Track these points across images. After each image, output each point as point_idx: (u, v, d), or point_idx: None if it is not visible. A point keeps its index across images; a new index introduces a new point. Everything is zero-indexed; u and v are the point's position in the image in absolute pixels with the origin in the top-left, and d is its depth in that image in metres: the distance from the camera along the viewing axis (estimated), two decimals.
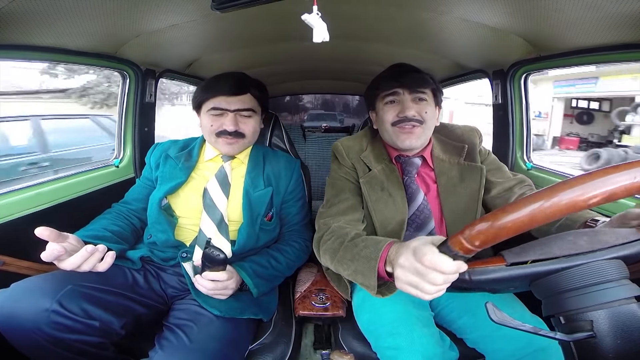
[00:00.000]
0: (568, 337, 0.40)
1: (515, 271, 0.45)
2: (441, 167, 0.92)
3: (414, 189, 0.91)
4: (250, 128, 0.97)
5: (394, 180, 0.91)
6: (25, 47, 0.88)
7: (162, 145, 1.07)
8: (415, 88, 0.87)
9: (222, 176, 0.97)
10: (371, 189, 0.90)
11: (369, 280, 0.64)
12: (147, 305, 0.83)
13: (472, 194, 0.89)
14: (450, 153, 0.95)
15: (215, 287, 0.80)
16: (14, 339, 0.67)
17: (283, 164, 1.05)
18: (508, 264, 0.45)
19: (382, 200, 0.89)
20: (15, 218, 0.93)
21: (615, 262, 0.42)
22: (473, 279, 0.47)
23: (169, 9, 0.89)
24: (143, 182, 1.05)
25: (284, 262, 0.96)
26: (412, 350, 0.71)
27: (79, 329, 0.68)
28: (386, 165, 0.93)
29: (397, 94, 0.88)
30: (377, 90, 0.92)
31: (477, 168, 0.91)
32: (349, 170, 0.95)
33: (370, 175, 0.92)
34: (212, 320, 0.79)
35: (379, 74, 0.95)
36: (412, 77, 0.88)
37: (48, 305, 0.66)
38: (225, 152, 0.98)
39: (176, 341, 0.72)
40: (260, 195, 0.97)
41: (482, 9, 0.88)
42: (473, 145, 0.95)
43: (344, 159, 0.95)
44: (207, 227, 0.91)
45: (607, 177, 0.34)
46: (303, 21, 0.63)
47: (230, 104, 0.94)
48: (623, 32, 0.80)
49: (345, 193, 0.92)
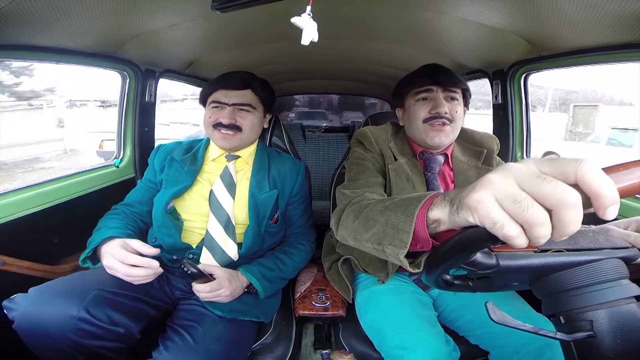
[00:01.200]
0: (568, 336, 0.40)
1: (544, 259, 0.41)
2: (460, 168, 0.94)
3: (435, 186, 0.91)
4: (248, 123, 0.97)
5: (417, 175, 0.91)
6: (25, 47, 0.88)
7: (166, 147, 1.06)
8: (449, 87, 0.88)
9: (227, 177, 0.97)
10: (398, 177, 0.89)
11: (400, 235, 0.45)
12: (158, 308, 0.83)
13: None
14: (468, 156, 0.96)
15: (205, 297, 0.80)
16: (36, 345, 0.66)
17: (289, 167, 1.05)
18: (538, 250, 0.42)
19: (406, 191, 0.88)
20: (15, 218, 0.93)
21: (615, 262, 0.42)
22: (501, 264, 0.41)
23: (168, 8, 0.89)
24: (145, 185, 1.03)
25: (290, 265, 0.97)
26: (419, 350, 0.70)
27: (103, 335, 0.68)
28: (409, 159, 0.93)
29: (431, 91, 0.89)
30: (409, 87, 0.92)
31: None
32: (375, 156, 0.94)
33: (397, 164, 0.91)
34: (217, 322, 0.79)
35: (411, 72, 0.95)
36: (446, 75, 0.89)
37: (75, 312, 0.66)
38: (220, 145, 0.98)
39: (181, 342, 0.72)
40: (266, 197, 0.97)
41: (482, 9, 0.88)
42: (491, 151, 0.96)
43: (372, 145, 0.94)
44: (214, 229, 0.91)
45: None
46: (298, 24, 0.63)
47: (229, 98, 0.95)
48: (623, 32, 0.80)
49: (372, 171, 0.89)
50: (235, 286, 0.84)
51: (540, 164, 0.29)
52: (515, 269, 0.42)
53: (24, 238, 0.96)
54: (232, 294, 0.83)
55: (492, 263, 0.41)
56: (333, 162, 2.37)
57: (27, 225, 0.97)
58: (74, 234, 1.10)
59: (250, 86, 0.97)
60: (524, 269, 0.43)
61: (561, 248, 0.43)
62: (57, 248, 1.08)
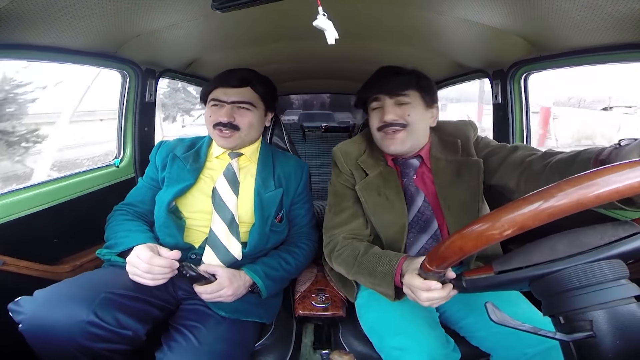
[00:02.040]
0: (568, 337, 0.40)
1: (502, 278, 0.49)
2: (437, 166, 0.90)
3: (413, 191, 0.90)
4: (246, 121, 0.95)
5: (392, 184, 0.90)
6: (25, 47, 0.88)
7: (168, 144, 1.04)
8: (395, 92, 0.86)
9: (231, 174, 0.96)
10: (368, 194, 0.90)
11: (387, 292, 0.76)
12: (161, 308, 0.83)
13: (472, 189, 0.86)
14: (447, 150, 0.92)
15: (207, 298, 0.81)
16: (43, 349, 0.66)
17: (293, 166, 1.05)
18: (496, 272, 0.50)
19: (380, 205, 0.89)
20: (15, 218, 0.93)
21: (615, 262, 0.42)
22: (467, 287, 0.55)
23: (169, 8, 0.89)
24: (147, 183, 1.02)
25: (293, 264, 0.96)
26: (418, 351, 0.70)
27: (112, 338, 0.68)
28: (384, 168, 0.93)
29: (379, 99, 0.88)
30: (363, 98, 0.93)
31: (474, 163, 0.87)
32: (347, 178, 0.95)
33: (366, 180, 0.91)
34: (220, 322, 0.79)
35: (366, 80, 0.94)
36: (391, 81, 0.87)
37: (84, 316, 0.65)
38: (221, 144, 0.97)
39: (185, 342, 0.72)
40: (272, 196, 0.97)
41: (482, 9, 0.88)
42: (466, 139, 0.92)
43: (342, 166, 0.96)
44: (218, 228, 0.90)
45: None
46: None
47: (227, 96, 0.94)
48: (623, 32, 0.80)
49: (346, 201, 0.93)
50: (237, 286, 0.83)
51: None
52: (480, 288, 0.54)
53: (24, 238, 0.96)
54: (235, 294, 0.83)
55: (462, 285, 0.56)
56: None
57: (27, 225, 0.96)
58: (74, 234, 1.10)
59: (250, 83, 0.96)
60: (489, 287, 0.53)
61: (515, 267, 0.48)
62: (57, 248, 1.07)
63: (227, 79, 0.95)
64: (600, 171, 0.33)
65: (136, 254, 0.77)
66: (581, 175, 0.34)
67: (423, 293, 0.62)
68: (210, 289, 0.79)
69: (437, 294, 0.61)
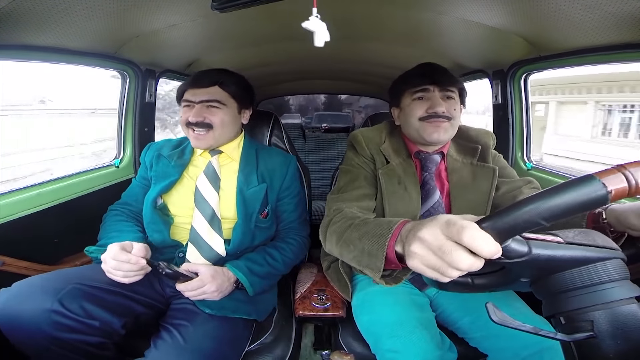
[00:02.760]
0: (568, 337, 0.40)
1: (573, 252, 0.41)
2: (454, 166, 0.93)
3: (432, 187, 0.91)
4: (218, 119, 0.94)
5: (411, 176, 0.91)
6: (25, 47, 0.88)
7: (156, 145, 1.07)
8: (446, 86, 0.87)
9: (211, 171, 0.96)
10: (388, 180, 0.89)
11: (375, 262, 0.56)
12: (147, 305, 0.83)
13: (483, 194, 0.89)
14: (463, 153, 0.95)
15: (190, 295, 0.80)
16: (16, 339, 0.67)
17: (277, 161, 1.04)
18: (564, 242, 0.42)
19: (398, 194, 0.89)
20: (15, 218, 0.93)
21: (616, 262, 0.42)
22: (533, 252, 0.40)
23: (169, 9, 0.89)
24: (140, 182, 1.04)
25: (280, 259, 0.95)
26: (412, 352, 0.70)
27: (80, 328, 0.68)
28: (404, 160, 0.93)
29: (427, 90, 0.88)
30: (405, 86, 0.91)
31: (490, 169, 0.91)
32: (366, 160, 0.94)
33: (388, 167, 0.91)
34: (208, 320, 0.79)
35: (407, 71, 0.94)
36: (442, 74, 0.88)
37: (49, 305, 0.66)
38: (194, 146, 0.98)
39: (171, 340, 0.72)
40: (254, 192, 0.97)
41: (482, 9, 0.88)
42: (486, 147, 0.95)
43: (363, 149, 0.94)
44: (199, 224, 0.90)
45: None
46: (302, 21, 0.63)
47: (196, 96, 0.94)
48: (623, 32, 0.80)
49: (360, 181, 0.91)
50: (220, 282, 0.82)
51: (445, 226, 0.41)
52: (544, 258, 0.41)
53: (24, 238, 0.96)
54: (220, 290, 0.82)
55: (523, 251, 0.40)
56: (333, 162, 2.38)
57: (27, 225, 0.97)
58: (74, 234, 1.10)
59: (219, 83, 0.96)
60: (553, 260, 0.41)
61: (584, 242, 0.42)
62: (57, 248, 1.08)
63: (197, 80, 0.96)
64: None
65: (107, 250, 0.78)
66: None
67: (469, 259, 0.39)
68: (191, 285, 0.79)
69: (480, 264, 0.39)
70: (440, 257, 0.41)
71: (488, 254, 0.38)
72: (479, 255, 0.38)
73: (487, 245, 0.38)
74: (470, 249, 0.39)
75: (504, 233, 0.39)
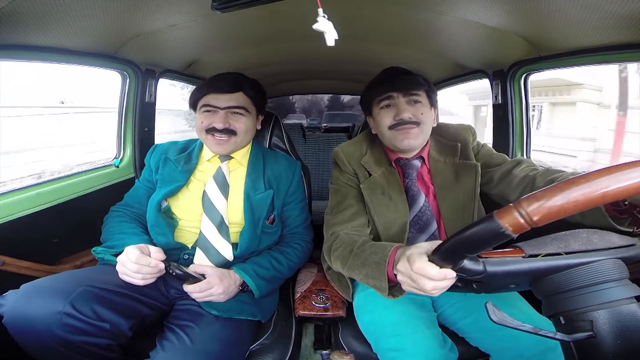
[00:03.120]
0: (568, 337, 0.40)
1: (532, 264, 0.43)
2: (436, 167, 0.93)
3: (415, 192, 0.91)
4: (242, 126, 0.95)
5: (395, 184, 0.91)
6: (25, 47, 0.88)
7: (161, 147, 1.06)
8: (409, 90, 0.87)
9: (220, 177, 0.96)
10: (372, 193, 0.91)
11: (380, 283, 0.68)
12: (152, 306, 0.83)
13: (468, 192, 0.89)
14: (445, 153, 0.95)
15: (198, 297, 0.81)
16: (23, 341, 0.66)
17: (284, 166, 1.05)
18: (526, 255, 0.43)
19: (384, 204, 0.90)
20: (15, 218, 0.93)
21: (616, 262, 0.42)
22: (488, 270, 0.43)
23: (169, 9, 0.89)
24: (144, 184, 1.03)
25: (285, 264, 0.96)
26: (414, 353, 0.70)
27: (90, 331, 0.68)
28: (386, 168, 0.94)
29: (392, 97, 0.88)
30: (372, 96, 0.92)
31: (472, 166, 0.91)
32: (350, 177, 0.96)
33: (370, 180, 0.92)
34: (213, 321, 0.79)
35: (372, 79, 0.94)
36: (404, 80, 0.88)
37: (60, 307, 0.66)
38: (216, 151, 0.97)
39: (177, 342, 0.72)
40: (262, 198, 0.97)
41: (482, 9, 0.88)
42: (466, 143, 0.95)
43: (345, 166, 0.96)
44: (208, 229, 0.91)
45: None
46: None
47: (220, 102, 0.94)
48: (623, 32, 0.80)
49: (349, 199, 0.93)
50: (227, 284, 0.83)
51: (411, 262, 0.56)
52: (502, 274, 0.44)
53: (24, 238, 0.96)
54: (226, 292, 0.83)
55: (479, 269, 0.44)
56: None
57: (27, 225, 0.97)
58: (74, 234, 1.10)
59: (242, 88, 0.96)
60: (512, 274, 0.44)
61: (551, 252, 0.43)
62: (57, 248, 1.08)
63: (218, 84, 0.95)
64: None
65: (126, 253, 0.78)
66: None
67: (429, 282, 0.51)
68: (199, 287, 0.80)
69: (446, 283, 0.51)
70: (414, 282, 0.56)
71: (436, 278, 0.50)
72: (432, 279, 0.51)
73: (430, 273, 0.51)
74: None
75: (448, 259, 0.47)
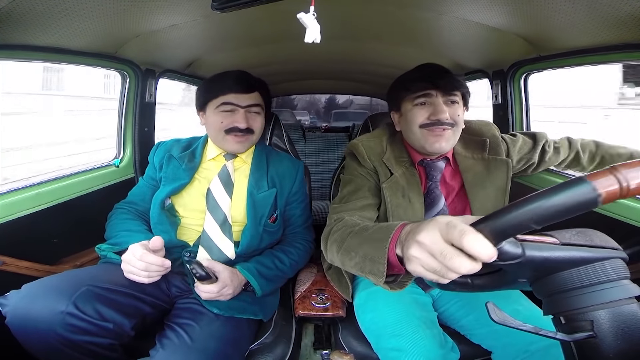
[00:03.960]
0: (568, 337, 0.40)
1: (569, 253, 0.41)
2: (465, 164, 0.89)
3: (437, 195, 0.88)
4: (259, 124, 0.99)
5: (414, 186, 0.87)
6: (25, 47, 0.88)
7: (165, 145, 1.06)
8: (449, 90, 0.83)
9: (225, 176, 0.96)
10: (393, 194, 0.86)
11: (377, 266, 0.55)
12: (153, 305, 0.83)
13: (499, 188, 0.87)
14: (472, 148, 0.91)
15: (209, 297, 0.81)
16: (26, 341, 0.66)
17: (287, 166, 1.05)
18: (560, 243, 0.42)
19: (402, 207, 0.86)
20: (15, 218, 0.93)
21: (615, 262, 0.42)
22: (527, 254, 0.40)
23: (169, 9, 0.89)
24: (147, 182, 1.04)
25: (287, 263, 0.96)
26: (414, 352, 0.70)
27: (93, 330, 0.68)
28: (407, 169, 0.89)
29: (430, 95, 0.83)
30: (405, 91, 0.86)
31: (503, 162, 0.88)
32: (369, 172, 0.90)
33: (392, 180, 0.87)
34: (213, 320, 0.79)
35: (405, 74, 0.90)
36: (445, 78, 0.83)
37: (63, 307, 0.66)
38: (234, 150, 0.98)
39: (177, 340, 0.72)
40: (265, 196, 0.97)
41: (482, 8, 0.88)
42: (494, 139, 0.91)
43: (365, 161, 0.90)
44: (211, 228, 0.91)
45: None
46: (303, 21, 0.63)
47: (241, 101, 0.94)
48: (623, 32, 0.80)
49: (364, 191, 0.88)
50: (237, 284, 0.85)
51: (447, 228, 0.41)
52: (540, 260, 0.41)
53: (24, 238, 0.96)
54: (234, 292, 0.84)
55: (517, 253, 0.40)
56: (333, 162, 2.38)
57: (27, 225, 0.96)
58: (74, 234, 1.10)
59: (257, 88, 0.98)
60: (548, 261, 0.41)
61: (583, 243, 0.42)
62: (57, 248, 1.08)
63: (235, 83, 0.94)
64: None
65: (131, 251, 0.78)
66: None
67: (468, 262, 0.39)
68: (215, 288, 0.80)
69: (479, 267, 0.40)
70: (440, 261, 0.41)
71: (486, 258, 0.38)
72: (477, 259, 0.39)
73: (485, 249, 0.38)
74: (468, 253, 0.39)
75: (497, 236, 0.39)
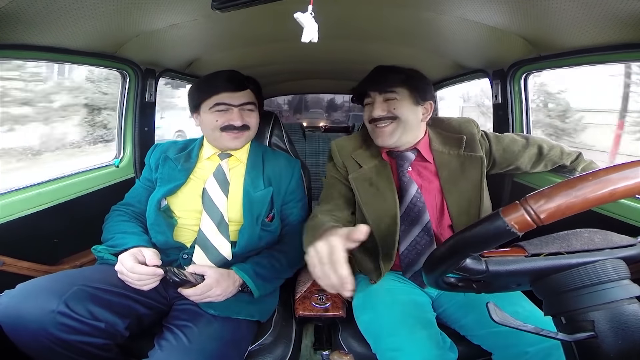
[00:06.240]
0: (569, 337, 0.40)
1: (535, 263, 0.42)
2: (441, 160, 0.94)
3: (406, 182, 0.92)
4: (254, 121, 1.00)
5: (384, 176, 0.94)
6: (25, 47, 0.88)
7: (161, 146, 1.06)
8: (385, 89, 0.91)
9: (221, 175, 0.97)
10: (359, 184, 0.94)
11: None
12: (150, 306, 0.83)
13: (475, 184, 0.91)
14: (449, 145, 0.96)
15: (196, 299, 0.81)
16: (19, 340, 0.67)
17: (283, 164, 1.05)
18: (529, 254, 0.43)
19: (371, 195, 0.93)
20: (15, 218, 0.93)
21: (616, 262, 0.42)
22: (490, 269, 0.43)
23: (169, 8, 0.89)
24: (144, 184, 1.04)
25: (285, 263, 0.96)
26: (412, 352, 0.70)
27: (85, 330, 0.68)
28: (379, 162, 0.96)
29: (370, 96, 0.93)
30: (357, 94, 0.98)
31: (477, 158, 0.93)
32: (339, 169, 0.99)
33: (359, 172, 0.96)
34: (211, 321, 0.79)
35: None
36: (381, 79, 0.92)
37: (54, 306, 0.66)
38: (231, 146, 0.98)
39: (175, 341, 0.72)
40: (261, 195, 0.97)
41: (482, 8, 0.88)
42: (471, 136, 0.96)
43: (336, 158, 1.00)
44: (207, 227, 0.91)
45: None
46: (300, 20, 0.63)
47: (234, 100, 0.95)
48: (623, 32, 0.80)
49: (335, 191, 0.98)
50: (226, 285, 0.83)
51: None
52: (505, 274, 0.43)
53: (24, 238, 0.96)
54: (224, 293, 0.83)
55: (481, 268, 0.43)
56: None
57: (27, 225, 0.96)
58: (74, 234, 1.10)
59: (248, 85, 0.99)
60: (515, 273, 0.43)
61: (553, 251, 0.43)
62: (57, 248, 1.07)
63: (227, 82, 0.96)
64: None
65: (121, 262, 0.78)
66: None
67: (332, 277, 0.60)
68: (198, 291, 0.80)
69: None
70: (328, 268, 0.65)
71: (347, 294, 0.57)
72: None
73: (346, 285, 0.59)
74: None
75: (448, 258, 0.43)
